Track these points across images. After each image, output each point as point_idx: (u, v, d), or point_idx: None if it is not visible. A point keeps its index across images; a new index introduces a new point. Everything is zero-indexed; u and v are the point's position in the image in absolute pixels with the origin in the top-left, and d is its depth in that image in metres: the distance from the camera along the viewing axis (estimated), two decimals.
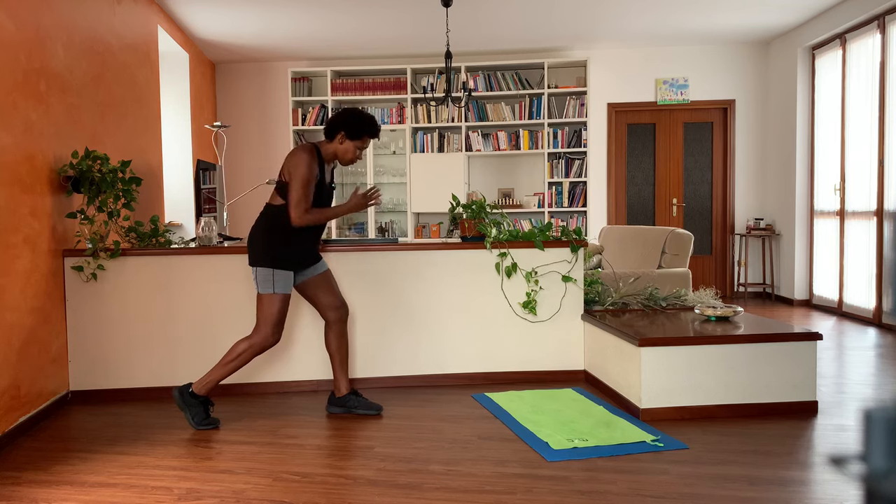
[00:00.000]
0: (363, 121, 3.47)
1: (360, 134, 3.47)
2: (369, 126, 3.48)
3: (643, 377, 3.50)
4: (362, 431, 3.43)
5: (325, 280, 3.65)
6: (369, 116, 3.50)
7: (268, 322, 3.42)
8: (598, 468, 2.86)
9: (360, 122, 3.46)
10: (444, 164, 7.82)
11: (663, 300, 4.49)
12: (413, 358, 4.31)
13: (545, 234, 4.33)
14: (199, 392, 3.48)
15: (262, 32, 7.04)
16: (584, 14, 6.68)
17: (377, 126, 3.53)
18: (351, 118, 3.46)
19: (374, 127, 3.51)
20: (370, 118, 3.50)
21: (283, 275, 3.43)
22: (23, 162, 3.50)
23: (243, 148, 8.32)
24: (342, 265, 4.21)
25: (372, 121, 3.50)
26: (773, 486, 2.66)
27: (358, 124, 3.45)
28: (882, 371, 4.47)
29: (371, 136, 3.50)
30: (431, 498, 2.61)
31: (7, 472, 2.95)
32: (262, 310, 3.43)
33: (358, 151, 3.52)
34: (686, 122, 8.22)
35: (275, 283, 3.41)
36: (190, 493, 2.70)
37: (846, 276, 6.62)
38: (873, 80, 6.12)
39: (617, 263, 5.65)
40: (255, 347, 3.44)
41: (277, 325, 3.44)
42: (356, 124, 3.45)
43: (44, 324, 3.73)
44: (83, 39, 4.36)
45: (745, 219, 8.17)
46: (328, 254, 4.18)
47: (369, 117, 3.50)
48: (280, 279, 3.42)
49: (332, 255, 4.20)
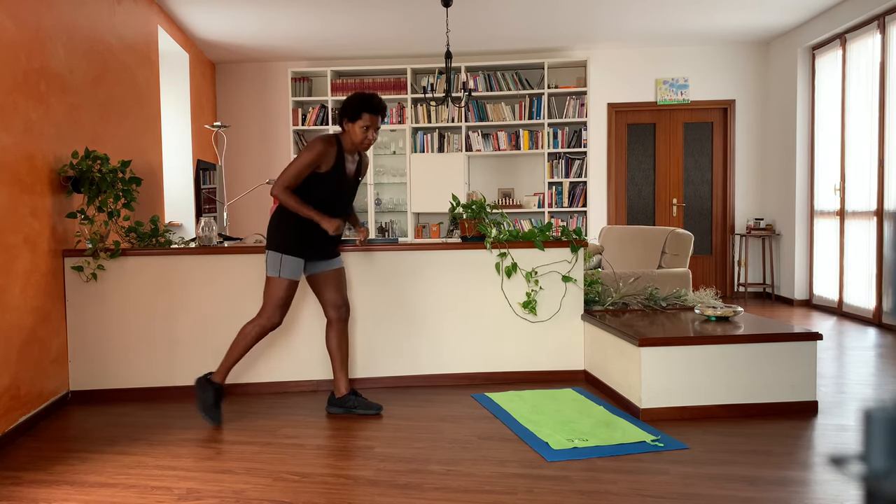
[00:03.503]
0: (359, 99, 3.44)
1: (358, 113, 3.44)
2: (364, 103, 3.44)
3: (643, 377, 3.50)
4: (362, 431, 3.43)
5: (335, 277, 3.67)
6: (367, 94, 3.46)
7: (271, 304, 3.51)
8: (598, 468, 2.86)
9: (355, 102, 3.44)
10: (444, 164, 7.82)
11: (663, 300, 4.49)
12: (413, 358, 4.30)
13: (545, 234, 4.33)
14: (215, 379, 3.57)
15: (262, 32, 7.04)
16: (585, 14, 6.68)
17: (374, 100, 3.45)
18: (347, 101, 3.48)
19: (370, 103, 3.44)
20: (367, 95, 3.45)
21: (292, 261, 3.49)
22: (23, 162, 3.50)
23: (243, 148, 8.32)
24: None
25: (368, 97, 3.44)
26: (773, 486, 2.66)
27: (353, 104, 3.44)
28: (882, 371, 4.47)
29: (370, 112, 3.44)
30: (431, 498, 2.61)
31: (7, 472, 2.95)
32: (267, 292, 3.52)
33: (367, 132, 3.46)
34: (686, 122, 8.22)
35: (282, 268, 3.49)
36: (190, 493, 2.70)
37: (846, 276, 6.62)
38: (873, 80, 6.12)
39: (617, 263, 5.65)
40: (259, 328, 3.53)
41: (280, 308, 3.52)
42: (352, 105, 3.44)
43: (44, 324, 3.73)
44: (83, 39, 4.36)
45: (745, 219, 8.17)
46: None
47: (366, 95, 3.45)
48: (288, 265, 3.49)
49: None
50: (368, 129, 3.46)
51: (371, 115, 3.44)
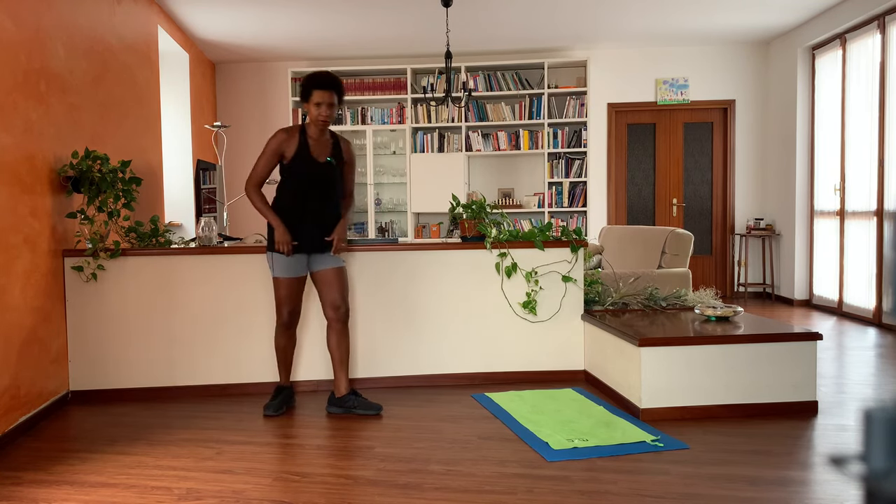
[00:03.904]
0: (308, 78, 3.56)
1: (308, 91, 3.54)
2: (311, 80, 3.54)
3: (643, 377, 3.50)
4: (362, 431, 3.43)
5: (333, 277, 3.67)
6: (316, 72, 3.56)
7: (276, 303, 3.69)
8: (598, 468, 2.86)
9: (305, 81, 3.56)
10: (444, 164, 7.82)
11: (663, 300, 4.49)
12: (413, 358, 4.30)
13: (545, 234, 4.33)
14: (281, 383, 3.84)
15: (262, 32, 7.04)
16: (585, 14, 6.68)
17: (320, 76, 3.53)
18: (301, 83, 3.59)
19: (316, 79, 3.53)
20: (315, 73, 3.56)
21: (280, 258, 3.59)
22: (23, 162, 3.50)
23: (243, 148, 8.32)
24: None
25: (315, 75, 3.54)
26: (774, 486, 2.66)
27: (304, 85, 3.56)
28: (882, 371, 4.47)
29: (318, 88, 3.52)
30: (431, 498, 2.61)
31: (7, 472, 2.95)
32: (274, 292, 3.72)
33: (318, 108, 3.53)
34: (686, 122, 8.22)
35: (274, 266, 3.63)
36: (190, 493, 2.70)
37: (846, 276, 6.62)
38: (873, 81, 6.12)
39: (617, 263, 5.65)
40: (276, 329, 3.75)
41: (282, 305, 3.66)
42: (303, 86, 3.57)
43: (44, 324, 3.73)
44: (83, 39, 4.36)
45: (745, 219, 8.17)
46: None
47: (315, 73, 3.56)
48: (278, 263, 3.61)
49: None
50: (320, 106, 3.54)
51: (319, 91, 3.53)
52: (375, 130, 8.02)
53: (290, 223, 3.59)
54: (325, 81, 3.53)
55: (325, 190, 3.63)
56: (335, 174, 3.66)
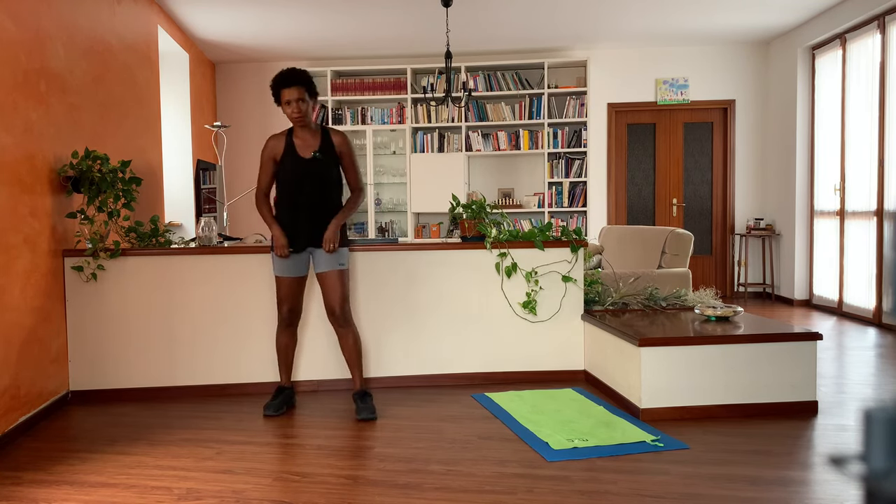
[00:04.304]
0: (272, 81, 3.58)
1: (276, 93, 3.59)
2: (275, 82, 3.57)
3: (643, 377, 3.50)
4: (362, 431, 3.43)
5: (331, 280, 3.66)
6: (279, 73, 3.57)
7: (277, 301, 3.75)
8: (598, 468, 2.86)
9: (271, 85, 3.59)
10: (444, 164, 7.82)
11: (663, 300, 4.49)
12: (413, 358, 4.30)
13: (545, 234, 4.33)
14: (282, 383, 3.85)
15: (262, 32, 7.04)
16: (585, 14, 6.68)
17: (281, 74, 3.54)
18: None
19: (278, 79, 3.55)
20: (278, 74, 3.57)
21: (276, 259, 3.68)
22: (23, 162, 3.50)
23: (243, 148, 8.32)
24: None
25: (277, 76, 3.56)
26: (774, 486, 2.66)
27: (272, 88, 3.59)
28: (882, 371, 4.47)
29: (282, 87, 3.54)
30: (431, 498, 2.61)
31: (7, 472, 2.95)
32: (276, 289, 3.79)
33: (288, 107, 3.55)
34: (686, 122, 8.22)
35: (273, 266, 3.73)
36: (190, 493, 2.70)
37: (846, 276, 6.62)
38: (873, 81, 6.12)
39: (617, 263, 5.65)
40: (277, 328, 3.81)
41: (281, 304, 3.73)
42: (271, 90, 3.59)
43: (44, 324, 3.73)
44: (83, 39, 4.36)
45: (745, 219, 8.17)
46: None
47: (278, 74, 3.57)
48: (277, 261, 3.68)
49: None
50: (290, 104, 3.55)
51: (286, 90, 3.55)
52: (375, 130, 8.02)
53: (287, 223, 3.64)
54: (288, 79, 3.53)
55: (314, 185, 3.63)
56: (323, 168, 3.64)
